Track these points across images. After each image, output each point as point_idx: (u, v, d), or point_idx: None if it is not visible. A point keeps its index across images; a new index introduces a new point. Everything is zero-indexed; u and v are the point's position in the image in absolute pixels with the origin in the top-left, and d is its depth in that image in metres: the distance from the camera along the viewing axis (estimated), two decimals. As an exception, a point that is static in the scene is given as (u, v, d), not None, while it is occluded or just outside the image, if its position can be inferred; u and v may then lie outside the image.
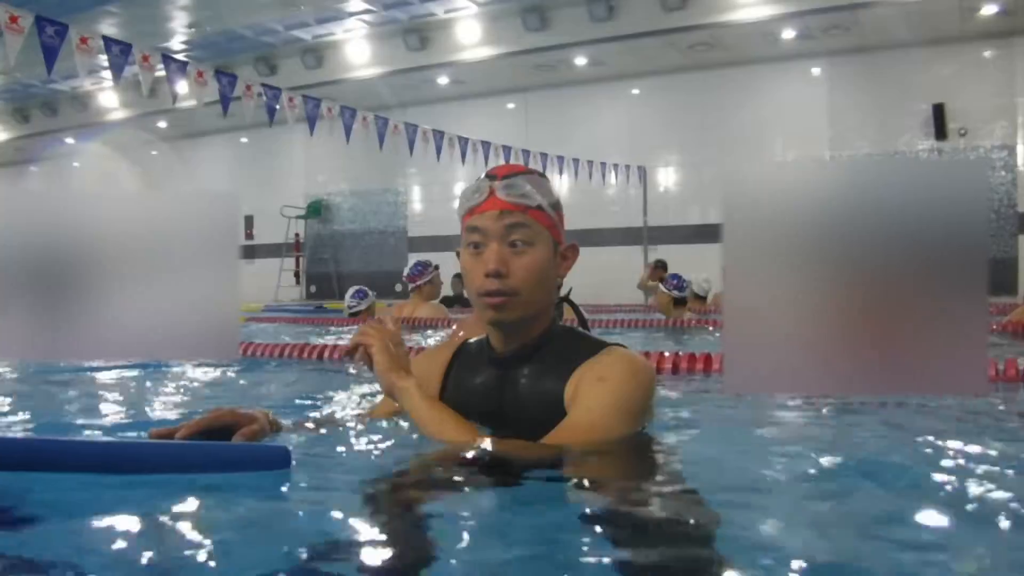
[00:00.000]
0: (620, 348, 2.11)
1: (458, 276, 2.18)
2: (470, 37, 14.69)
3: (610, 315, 9.16)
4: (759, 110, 14.63)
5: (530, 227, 2.04)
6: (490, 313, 2.06)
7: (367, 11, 14.16)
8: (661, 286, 8.36)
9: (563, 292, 2.30)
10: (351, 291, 9.27)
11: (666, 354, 4.13)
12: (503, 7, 14.00)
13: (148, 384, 3.86)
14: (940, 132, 13.40)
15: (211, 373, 4.24)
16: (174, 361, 4.22)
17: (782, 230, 1.15)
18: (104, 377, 4.09)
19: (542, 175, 2.17)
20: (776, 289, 1.16)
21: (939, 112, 13.34)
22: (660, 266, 12.60)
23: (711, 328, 7.44)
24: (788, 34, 13.36)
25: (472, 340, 2.30)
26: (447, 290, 11.18)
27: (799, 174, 1.20)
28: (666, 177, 15.79)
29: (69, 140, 20.49)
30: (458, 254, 2.14)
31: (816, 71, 14.44)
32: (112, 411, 3.08)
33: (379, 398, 2.47)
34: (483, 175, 2.12)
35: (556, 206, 2.13)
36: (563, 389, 2.02)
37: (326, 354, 5.06)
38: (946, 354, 1.12)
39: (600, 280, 13.44)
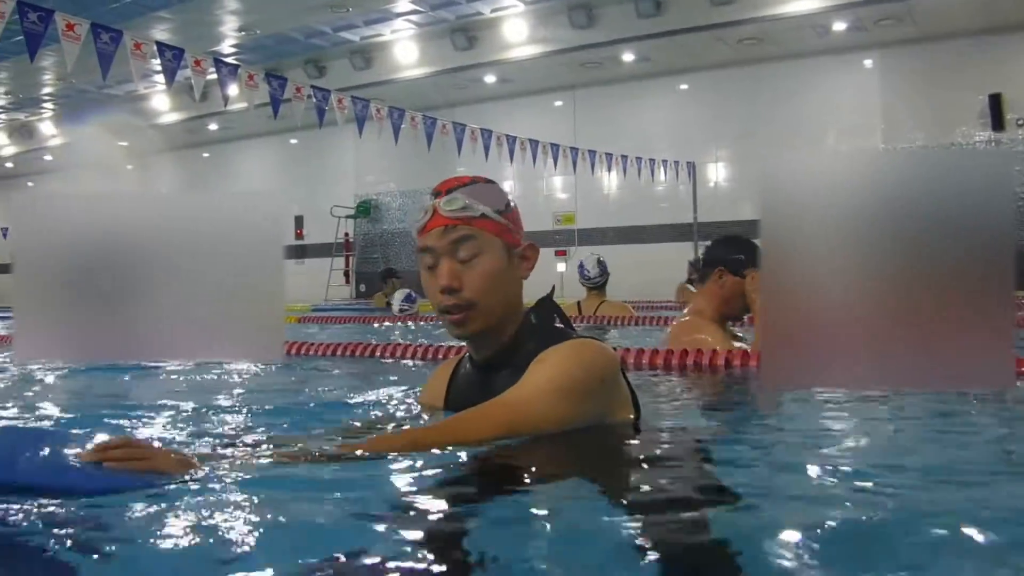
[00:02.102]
0: (583, 338, 2.09)
1: None
2: (517, 35, 14.70)
3: (655, 312, 9.09)
4: (810, 104, 14.45)
5: (476, 237, 2.05)
6: (453, 330, 2.09)
7: (414, 11, 14.23)
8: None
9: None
10: (402, 294, 9.39)
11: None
12: (550, 5, 13.99)
13: (206, 381, 3.93)
14: (997, 123, 13.11)
15: (261, 371, 4.30)
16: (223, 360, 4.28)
17: (818, 221, 1.15)
18: (160, 374, 4.17)
19: (489, 181, 2.17)
20: (812, 282, 1.16)
21: (996, 102, 13.06)
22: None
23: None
24: (839, 26, 13.18)
25: (465, 355, 2.32)
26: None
27: (836, 165, 1.20)
28: (716, 173, 15.67)
29: (122, 144, 20.87)
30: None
31: (868, 63, 14.22)
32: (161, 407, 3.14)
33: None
34: (431, 193, 2.15)
35: (504, 210, 2.11)
36: None
37: (378, 352, 5.17)
38: (973, 347, 1.11)
39: (650, 277, 13.40)
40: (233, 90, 8.43)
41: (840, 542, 1.32)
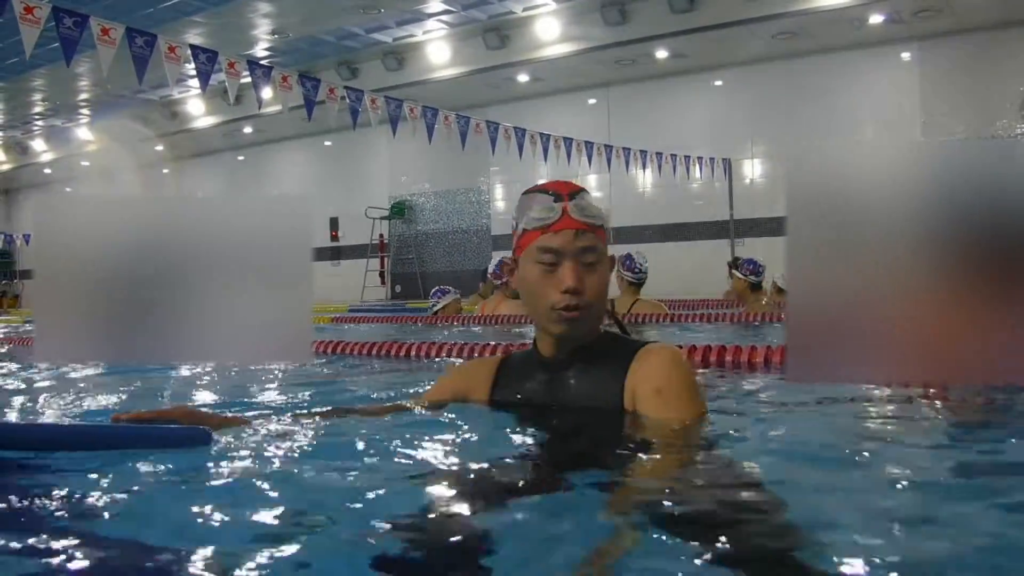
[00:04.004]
0: (655, 345, 2.22)
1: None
2: (549, 34, 14.66)
3: (692, 310, 9.02)
4: (847, 98, 14.25)
5: (598, 247, 2.16)
6: (563, 327, 2.16)
7: (446, 12, 14.24)
8: (737, 272, 8.20)
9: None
10: (432, 291, 9.42)
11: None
12: (582, 3, 13.93)
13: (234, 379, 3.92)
14: (1039, 115, 12.87)
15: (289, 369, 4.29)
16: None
17: (845, 212, 1.10)
18: (186, 372, 4.17)
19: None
20: (839, 275, 1.11)
21: (1037, 94, 12.82)
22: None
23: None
24: (876, 19, 12.97)
25: (515, 352, 2.44)
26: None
27: (862, 157, 1.15)
28: (752, 169, 15.51)
29: (159, 147, 21.12)
30: (511, 262, 2.27)
31: (906, 56, 13.99)
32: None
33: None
34: (543, 192, 2.22)
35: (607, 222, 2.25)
36: (618, 388, 2.14)
37: (412, 352, 5.17)
38: (1009, 342, 1.05)
39: (686, 275, 13.31)
40: (267, 93, 8.45)
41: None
